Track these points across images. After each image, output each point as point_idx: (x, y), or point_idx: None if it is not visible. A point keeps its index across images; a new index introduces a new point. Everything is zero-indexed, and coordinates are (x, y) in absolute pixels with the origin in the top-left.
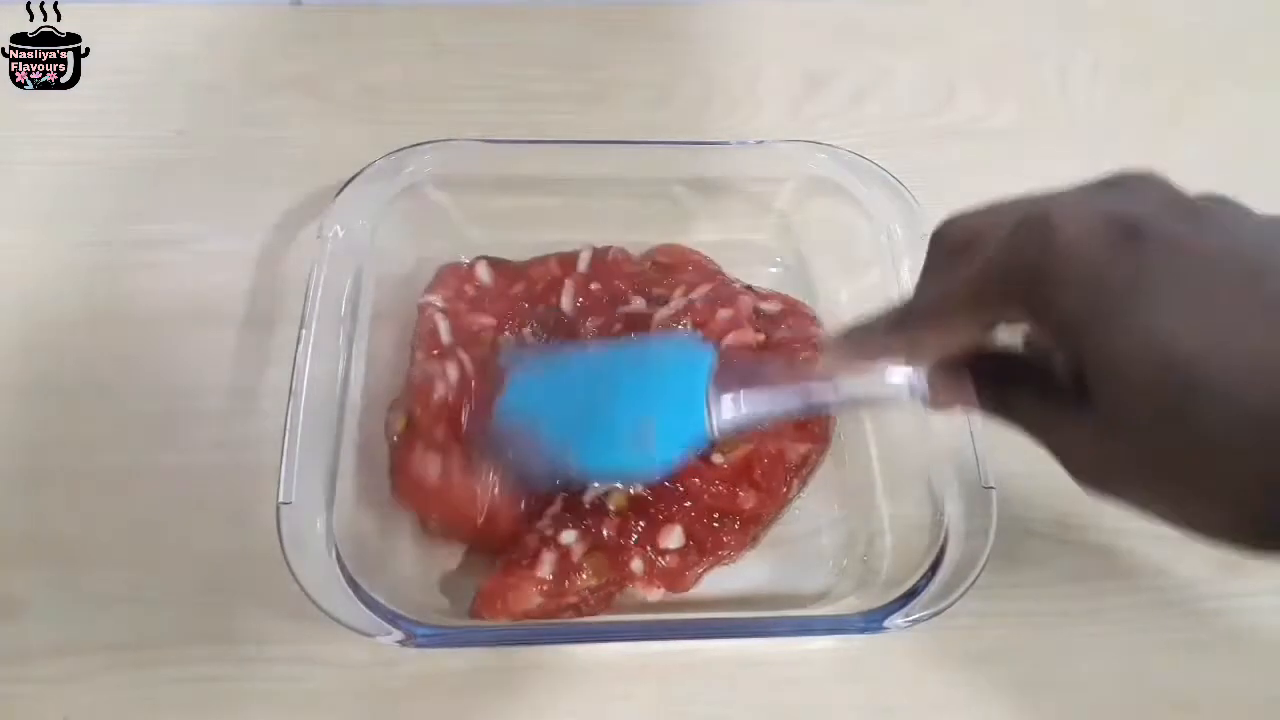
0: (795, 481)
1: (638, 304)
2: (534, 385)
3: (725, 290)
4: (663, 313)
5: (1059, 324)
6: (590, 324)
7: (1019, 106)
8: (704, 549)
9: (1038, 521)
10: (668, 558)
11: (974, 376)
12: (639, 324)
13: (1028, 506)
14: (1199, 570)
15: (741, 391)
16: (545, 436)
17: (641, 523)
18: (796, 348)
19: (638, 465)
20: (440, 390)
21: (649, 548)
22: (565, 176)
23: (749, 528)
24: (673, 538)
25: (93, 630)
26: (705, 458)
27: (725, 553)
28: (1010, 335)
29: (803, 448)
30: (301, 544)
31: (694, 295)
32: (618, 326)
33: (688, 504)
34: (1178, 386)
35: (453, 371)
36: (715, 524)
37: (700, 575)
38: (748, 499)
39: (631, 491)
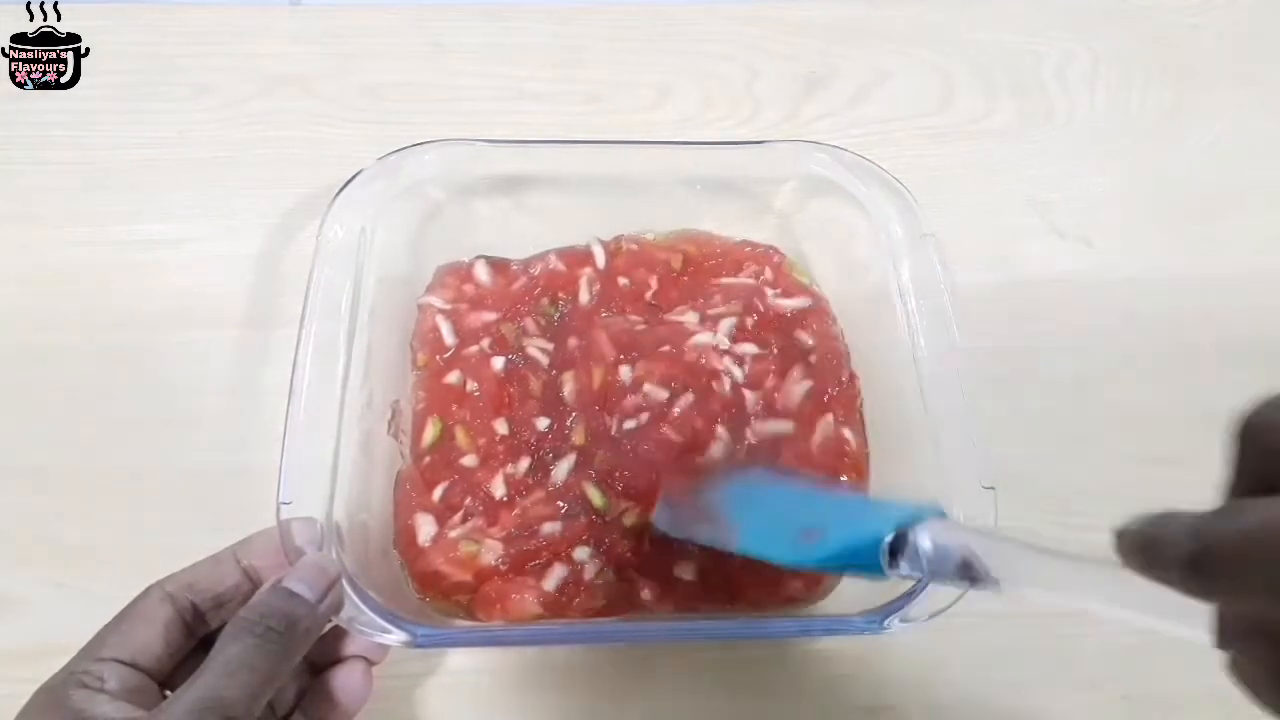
0: None
1: (690, 318)
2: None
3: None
4: (704, 338)
5: None
6: (603, 317)
7: (1019, 106)
8: (735, 596)
9: (1038, 521)
10: (681, 588)
11: None
12: (679, 333)
13: (1028, 506)
14: None
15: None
16: (725, 521)
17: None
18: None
19: (785, 558)
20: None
21: (663, 576)
22: (565, 176)
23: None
24: (686, 570)
25: (93, 630)
26: None
27: (753, 608)
28: None
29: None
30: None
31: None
32: (640, 326)
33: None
34: None
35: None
36: (741, 569)
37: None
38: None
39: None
